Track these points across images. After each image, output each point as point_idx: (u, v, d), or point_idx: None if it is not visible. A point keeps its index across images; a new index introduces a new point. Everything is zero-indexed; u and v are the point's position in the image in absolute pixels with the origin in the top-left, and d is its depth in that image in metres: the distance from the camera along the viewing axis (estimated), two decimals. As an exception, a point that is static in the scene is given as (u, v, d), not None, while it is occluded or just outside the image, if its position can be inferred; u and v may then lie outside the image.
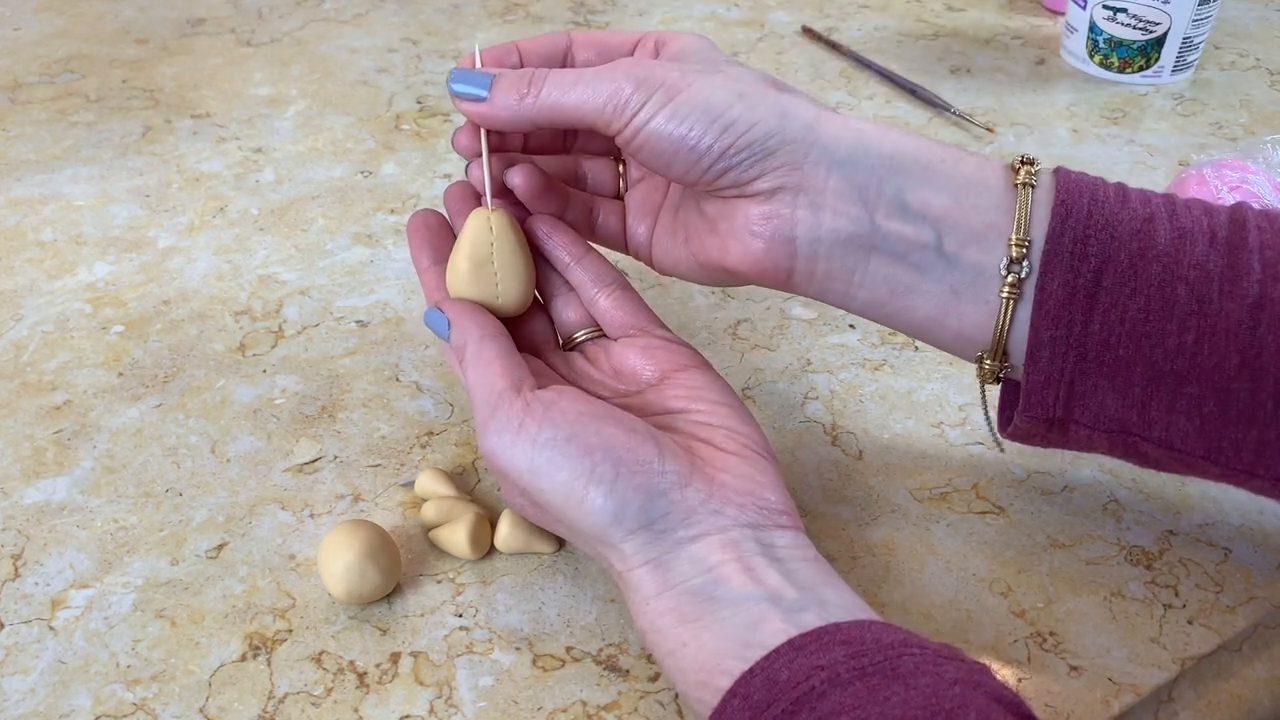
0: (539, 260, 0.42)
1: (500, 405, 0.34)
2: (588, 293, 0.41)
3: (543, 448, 0.33)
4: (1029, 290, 0.34)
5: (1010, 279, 0.34)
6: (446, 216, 0.43)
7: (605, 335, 0.41)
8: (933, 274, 0.35)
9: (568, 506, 0.33)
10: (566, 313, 0.42)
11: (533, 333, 0.42)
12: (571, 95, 0.35)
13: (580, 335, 0.41)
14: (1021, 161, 0.36)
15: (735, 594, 0.32)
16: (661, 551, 0.33)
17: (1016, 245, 0.34)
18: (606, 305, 0.41)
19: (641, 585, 0.33)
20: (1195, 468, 0.35)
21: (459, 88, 0.37)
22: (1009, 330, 0.35)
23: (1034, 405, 0.35)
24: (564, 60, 0.40)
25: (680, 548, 0.33)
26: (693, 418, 0.37)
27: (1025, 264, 0.34)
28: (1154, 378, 0.33)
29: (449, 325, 0.38)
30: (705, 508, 0.33)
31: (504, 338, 0.37)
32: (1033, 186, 0.35)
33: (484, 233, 0.39)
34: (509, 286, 0.39)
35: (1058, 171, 0.36)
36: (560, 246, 0.42)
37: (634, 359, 0.39)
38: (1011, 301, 0.34)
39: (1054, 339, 0.34)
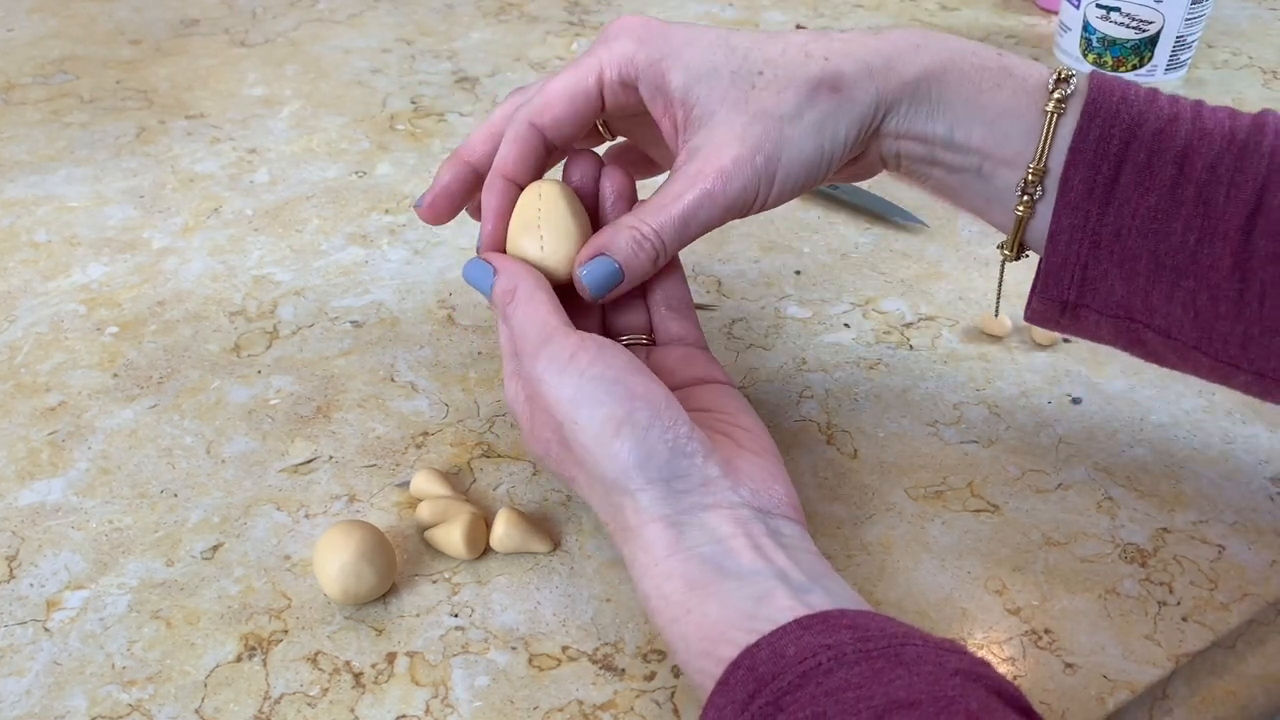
0: None
1: (554, 336, 0.35)
2: (655, 299, 0.42)
3: (590, 380, 0.34)
4: (1051, 186, 0.37)
5: (1025, 198, 0.38)
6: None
7: (653, 343, 0.42)
8: (973, 188, 0.39)
9: (598, 444, 0.34)
10: (625, 318, 0.42)
11: (583, 322, 0.42)
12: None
13: (625, 338, 0.42)
14: (1058, 80, 0.37)
15: (744, 568, 0.33)
16: (675, 510, 0.34)
17: (1033, 173, 0.37)
18: (666, 315, 0.42)
19: (654, 544, 0.34)
20: (1189, 358, 0.38)
21: (587, 275, 0.39)
22: (1026, 228, 0.39)
23: (1050, 288, 0.38)
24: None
25: (693, 513, 0.34)
26: (716, 416, 0.38)
27: (1040, 188, 0.37)
28: (1157, 269, 0.36)
29: (495, 272, 0.38)
30: (722, 482, 0.35)
31: (552, 292, 0.38)
32: (1060, 113, 0.37)
33: (533, 199, 0.40)
34: (554, 246, 0.40)
35: (1093, 75, 0.38)
36: None
37: (672, 362, 0.41)
38: (1028, 213, 0.38)
39: (1072, 227, 0.37)
